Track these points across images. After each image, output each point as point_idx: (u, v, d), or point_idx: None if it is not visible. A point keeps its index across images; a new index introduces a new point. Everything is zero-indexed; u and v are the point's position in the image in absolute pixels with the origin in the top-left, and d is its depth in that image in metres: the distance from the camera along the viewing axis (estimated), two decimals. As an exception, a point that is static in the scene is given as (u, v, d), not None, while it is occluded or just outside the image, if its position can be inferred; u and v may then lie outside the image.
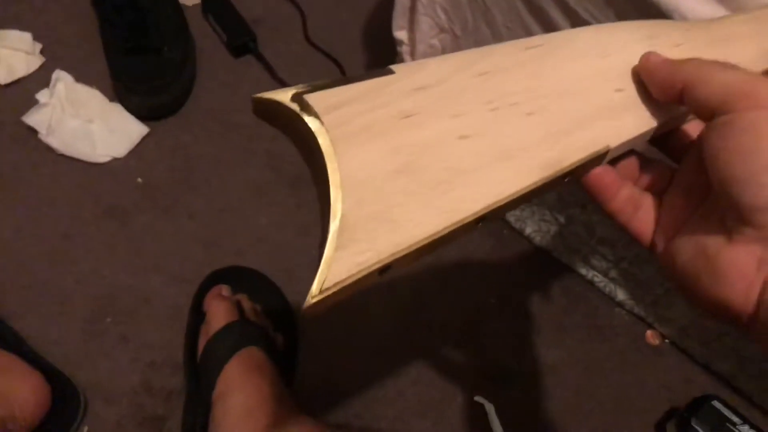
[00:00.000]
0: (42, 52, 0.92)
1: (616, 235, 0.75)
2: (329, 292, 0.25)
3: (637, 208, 0.36)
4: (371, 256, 0.26)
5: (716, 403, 0.70)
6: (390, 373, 0.75)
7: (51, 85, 0.87)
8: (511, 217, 0.85)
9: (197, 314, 0.71)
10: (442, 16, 0.69)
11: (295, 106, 0.27)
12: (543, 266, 0.84)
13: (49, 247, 0.77)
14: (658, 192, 0.36)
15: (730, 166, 0.28)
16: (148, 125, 0.88)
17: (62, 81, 0.87)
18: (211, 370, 0.65)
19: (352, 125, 0.28)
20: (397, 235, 0.27)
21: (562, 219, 0.79)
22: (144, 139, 0.87)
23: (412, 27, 0.72)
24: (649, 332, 0.81)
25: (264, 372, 0.65)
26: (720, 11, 0.47)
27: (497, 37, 0.65)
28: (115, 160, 0.85)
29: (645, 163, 0.37)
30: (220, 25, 0.99)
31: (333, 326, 0.77)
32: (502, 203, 0.29)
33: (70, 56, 0.92)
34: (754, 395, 0.76)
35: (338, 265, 0.25)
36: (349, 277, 0.25)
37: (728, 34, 0.37)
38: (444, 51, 0.72)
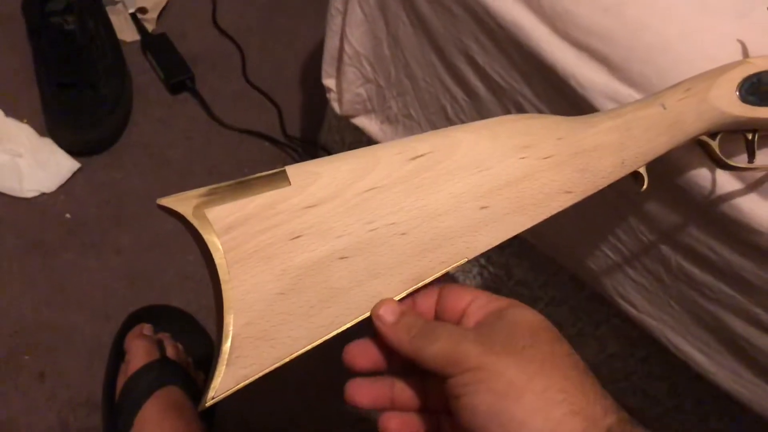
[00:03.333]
0: (-27, 85, 0.92)
1: (532, 276, 0.79)
2: (220, 398, 0.31)
3: None
4: (255, 369, 0.32)
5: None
6: (312, 411, 0.76)
7: (-21, 119, 0.87)
8: (437, 257, 0.87)
9: (118, 353, 0.71)
10: (367, 68, 0.73)
11: (196, 222, 0.32)
12: (466, 306, 0.87)
13: (-32, 283, 0.77)
14: None
15: (465, 421, 0.31)
16: (79, 160, 0.88)
17: (-9, 115, 0.87)
18: (128, 410, 0.65)
19: (246, 247, 0.33)
20: (278, 350, 0.33)
21: (482, 260, 0.83)
22: (75, 174, 0.87)
23: (339, 76, 0.75)
24: (564, 371, 0.84)
25: (182, 411, 0.65)
26: (611, 81, 0.51)
27: (417, 90, 0.68)
28: (43, 195, 0.85)
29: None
30: (158, 62, 1.00)
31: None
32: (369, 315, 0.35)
33: (2, 90, 0.92)
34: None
35: (227, 378, 0.31)
36: (236, 386, 0.32)
37: (594, 144, 0.40)
38: (369, 100, 0.75)
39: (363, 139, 0.81)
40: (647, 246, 0.58)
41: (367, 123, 0.77)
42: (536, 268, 0.77)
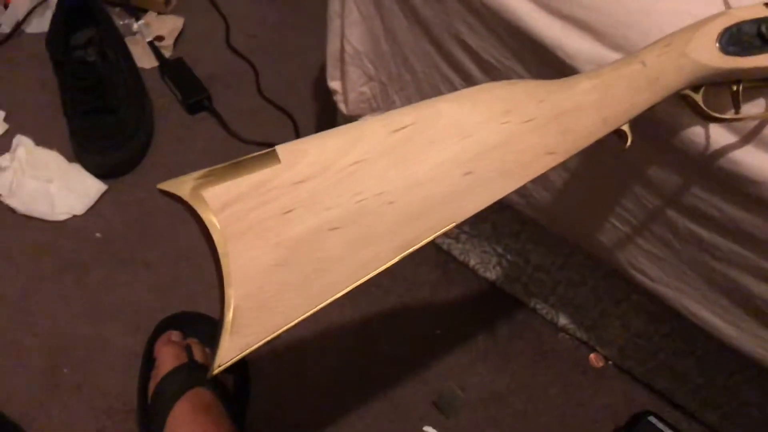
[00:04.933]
0: (5, 119, 0.97)
1: (549, 260, 0.79)
2: (226, 366, 0.34)
3: None
4: (257, 338, 0.34)
5: (652, 419, 0.72)
6: (340, 407, 0.78)
7: (12, 149, 0.92)
8: (456, 249, 0.88)
9: (149, 360, 0.74)
10: (369, 66, 0.75)
11: (194, 202, 0.34)
12: (487, 296, 0.87)
13: (7, 304, 0.80)
14: None
15: None
16: (106, 182, 0.92)
17: (23, 145, 0.92)
18: (159, 412, 0.67)
19: (241, 223, 0.35)
20: (277, 318, 0.35)
21: (499, 249, 0.83)
22: (102, 195, 0.91)
23: (343, 77, 0.77)
24: (592, 355, 0.84)
25: (212, 412, 0.67)
26: (597, 48, 0.52)
27: (417, 82, 0.70)
28: (74, 217, 0.89)
29: None
30: (176, 84, 1.04)
31: (284, 363, 0.80)
32: (363, 281, 0.36)
33: (32, 121, 0.97)
34: (695, 410, 0.78)
35: (231, 347, 0.34)
36: (241, 353, 0.34)
37: (575, 105, 0.41)
38: (374, 97, 0.77)
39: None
40: (653, 212, 0.58)
41: (373, 121, 0.79)
42: (552, 251, 0.77)
